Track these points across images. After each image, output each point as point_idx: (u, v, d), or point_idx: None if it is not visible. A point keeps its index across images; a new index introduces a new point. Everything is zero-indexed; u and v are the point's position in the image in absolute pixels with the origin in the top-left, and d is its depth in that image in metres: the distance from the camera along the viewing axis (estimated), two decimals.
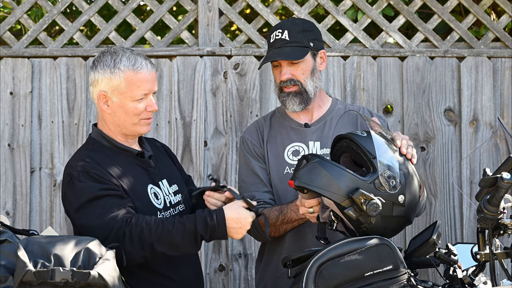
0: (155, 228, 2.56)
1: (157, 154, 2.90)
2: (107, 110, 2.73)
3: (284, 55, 3.01)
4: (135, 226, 2.55)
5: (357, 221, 2.46)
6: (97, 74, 2.71)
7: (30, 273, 2.20)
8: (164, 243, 2.56)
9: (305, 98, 3.05)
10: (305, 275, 2.33)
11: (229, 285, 4.04)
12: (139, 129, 2.76)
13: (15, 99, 4.06)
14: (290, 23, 3.08)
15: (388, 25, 4.23)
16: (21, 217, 4.01)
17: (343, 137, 2.63)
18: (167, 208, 2.78)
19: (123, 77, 2.68)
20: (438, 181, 4.10)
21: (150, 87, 2.72)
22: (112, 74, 2.68)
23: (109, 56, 2.71)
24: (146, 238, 2.55)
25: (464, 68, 4.15)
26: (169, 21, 4.23)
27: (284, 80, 3.03)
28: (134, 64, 2.69)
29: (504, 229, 2.36)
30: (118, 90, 2.69)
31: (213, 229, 2.58)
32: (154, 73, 2.75)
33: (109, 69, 2.68)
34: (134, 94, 2.69)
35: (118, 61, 2.69)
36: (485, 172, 2.33)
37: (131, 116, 2.72)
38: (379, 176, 2.43)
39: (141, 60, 2.71)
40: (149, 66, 2.72)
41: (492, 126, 4.12)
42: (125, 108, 2.71)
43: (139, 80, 2.69)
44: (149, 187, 2.75)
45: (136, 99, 2.70)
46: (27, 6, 4.16)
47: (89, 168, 2.65)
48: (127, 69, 2.68)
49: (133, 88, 2.69)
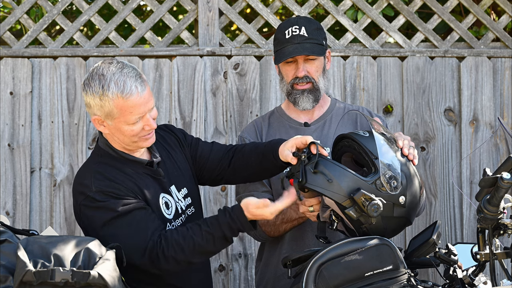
0: (187, 246, 2.57)
1: (165, 156, 2.83)
2: (104, 131, 2.66)
3: (308, 50, 2.98)
4: (167, 248, 2.56)
5: (358, 221, 2.46)
6: (88, 99, 2.59)
7: (30, 273, 2.20)
8: (199, 256, 2.63)
9: (317, 96, 3.05)
10: (305, 275, 2.33)
11: (229, 285, 4.04)
12: (140, 144, 2.69)
13: (15, 99, 4.06)
14: (305, 20, 3.05)
15: (388, 25, 4.23)
16: (21, 217, 4.01)
17: (345, 137, 2.63)
18: (178, 216, 2.75)
19: (113, 105, 2.55)
20: (438, 181, 4.10)
21: (143, 110, 2.59)
22: (102, 101, 2.56)
23: (97, 80, 2.56)
24: (180, 257, 2.57)
25: (464, 68, 4.15)
26: (169, 21, 4.23)
27: (301, 77, 3.02)
28: (123, 90, 2.54)
29: (504, 229, 2.36)
30: (111, 115, 2.58)
31: (239, 230, 2.62)
32: (146, 94, 2.58)
33: (98, 96, 2.56)
34: (127, 119, 2.59)
35: (106, 88, 2.54)
36: (485, 172, 2.33)
37: (129, 137, 2.64)
38: (381, 177, 2.43)
39: (130, 84, 2.55)
40: (139, 89, 2.56)
41: (492, 126, 4.12)
42: (121, 130, 2.62)
43: (131, 107, 2.56)
44: (161, 196, 2.71)
45: (131, 123, 2.60)
46: (27, 6, 4.16)
47: (104, 187, 2.59)
48: (116, 96, 2.54)
49: (126, 114, 2.57)
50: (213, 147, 2.96)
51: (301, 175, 2.47)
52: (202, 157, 2.93)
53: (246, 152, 2.89)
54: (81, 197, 2.62)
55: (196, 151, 2.93)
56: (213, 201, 4.03)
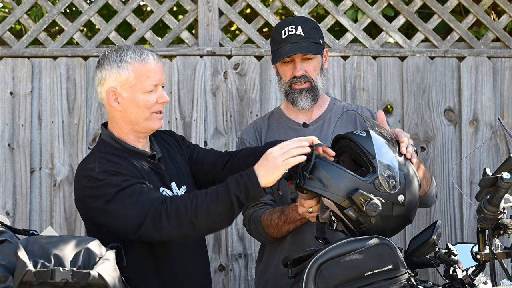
0: (190, 202, 2.50)
1: (166, 154, 2.85)
2: (117, 108, 2.68)
3: (304, 49, 2.98)
4: (170, 205, 2.50)
5: (357, 221, 2.46)
6: (104, 72, 2.67)
7: (30, 273, 2.20)
8: (202, 215, 2.48)
9: (315, 95, 3.05)
10: (305, 274, 2.33)
11: (229, 285, 4.04)
12: (151, 124, 2.70)
13: (15, 99, 4.06)
14: (301, 19, 3.05)
15: (388, 25, 4.23)
16: (21, 217, 4.01)
17: (343, 137, 2.63)
18: None
19: (131, 69, 2.64)
20: (438, 181, 4.09)
21: (159, 78, 2.68)
22: (120, 68, 2.65)
23: (114, 52, 2.68)
24: (182, 214, 2.49)
25: (464, 68, 4.15)
26: (169, 21, 4.23)
27: (298, 76, 3.02)
28: (141, 55, 2.66)
29: (504, 229, 2.35)
30: (127, 83, 2.65)
31: (245, 186, 2.47)
32: (161, 65, 2.71)
33: (116, 64, 2.65)
34: (144, 85, 2.65)
35: (124, 55, 2.66)
36: (485, 172, 2.33)
37: (143, 110, 2.67)
38: (379, 176, 2.43)
39: (147, 52, 2.68)
40: (155, 57, 2.69)
41: (492, 126, 4.12)
42: (136, 101, 2.66)
43: (148, 71, 2.65)
44: (161, 190, 2.71)
45: (146, 91, 2.65)
46: (27, 6, 4.16)
47: (107, 167, 2.61)
48: (134, 60, 2.65)
49: (143, 79, 2.65)
50: (209, 151, 3.00)
51: (299, 176, 2.47)
52: (198, 160, 2.95)
53: (242, 156, 2.90)
54: (84, 180, 2.62)
55: (193, 154, 2.96)
56: None
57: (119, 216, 2.55)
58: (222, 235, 4.04)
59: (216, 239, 4.04)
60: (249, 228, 3.10)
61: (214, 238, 4.03)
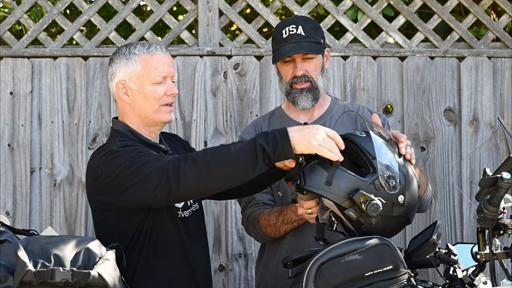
0: (211, 149, 2.45)
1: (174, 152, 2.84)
2: (127, 100, 2.69)
3: (305, 49, 2.98)
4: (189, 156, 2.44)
5: (357, 221, 2.45)
6: (114, 65, 2.70)
7: (30, 273, 2.20)
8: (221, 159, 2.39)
9: (316, 95, 3.05)
10: (305, 275, 2.33)
11: (229, 285, 4.04)
12: (160, 116, 2.70)
13: (15, 99, 4.06)
14: (302, 19, 3.06)
15: (388, 25, 4.23)
16: (21, 217, 4.01)
17: (342, 138, 2.62)
18: (187, 208, 2.73)
19: (139, 61, 2.67)
20: (438, 181, 4.10)
21: (167, 69, 2.69)
22: (128, 60, 2.68)
23: (124, 47, 2.72)
24: (200, 157, 2.41)
25: (464, 68, 4.15)
26: (169, 21, 4.23)
27: (299, 76, 3.02)
28: (149, 48, 2.69)
29: (504, 229, 2.35)
30: (135, 75, 2.67)
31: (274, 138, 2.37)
32: (170, 58, 2.72)
33: (125, 57, 2.68)
34: (152, 76, 2.66)
35: (132, 48, 2.70)
36: (485, 172, 2.33)
37: (151, 102, 2.68)
38: (379, 177, 2.43)
39: (156, 45, 2.71)
40: (164, 50, 2.71)
41: (492, 126, 4.12)
42: (144, 93, 2.67)
43: (156, 62, 2.67)
44: None
45: (154, 82, 2.67)
46: (27, 6, 4.16)
47: (127, 143, 2.61)
48: (142, 52, 2.67)
49: (150, 70, 2.67)
50: None
51: (299, 177, 2.47)
52: None
53: None
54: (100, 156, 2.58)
55: None
56: (213, 201, 4.03)
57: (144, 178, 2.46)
58: (222, 235, 4.05)
59: (216, 239, 4.04)
60: (248, 227, 3.10)
61: (214, 238, 4.03)
